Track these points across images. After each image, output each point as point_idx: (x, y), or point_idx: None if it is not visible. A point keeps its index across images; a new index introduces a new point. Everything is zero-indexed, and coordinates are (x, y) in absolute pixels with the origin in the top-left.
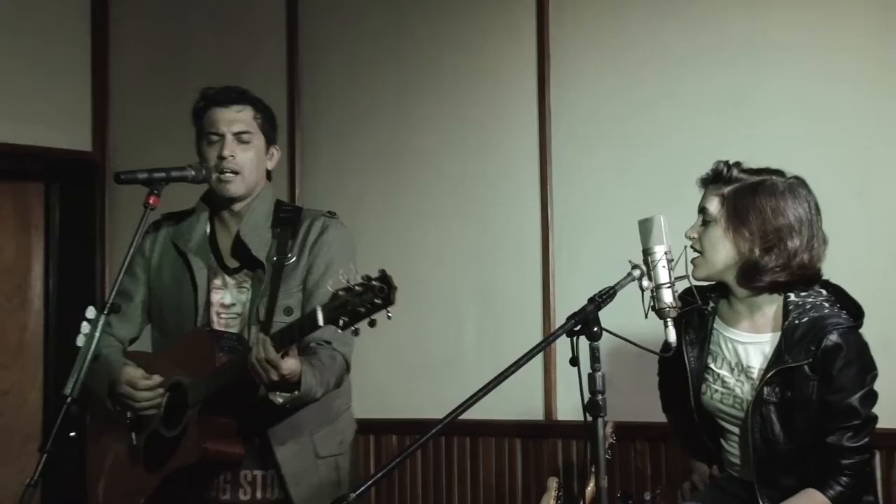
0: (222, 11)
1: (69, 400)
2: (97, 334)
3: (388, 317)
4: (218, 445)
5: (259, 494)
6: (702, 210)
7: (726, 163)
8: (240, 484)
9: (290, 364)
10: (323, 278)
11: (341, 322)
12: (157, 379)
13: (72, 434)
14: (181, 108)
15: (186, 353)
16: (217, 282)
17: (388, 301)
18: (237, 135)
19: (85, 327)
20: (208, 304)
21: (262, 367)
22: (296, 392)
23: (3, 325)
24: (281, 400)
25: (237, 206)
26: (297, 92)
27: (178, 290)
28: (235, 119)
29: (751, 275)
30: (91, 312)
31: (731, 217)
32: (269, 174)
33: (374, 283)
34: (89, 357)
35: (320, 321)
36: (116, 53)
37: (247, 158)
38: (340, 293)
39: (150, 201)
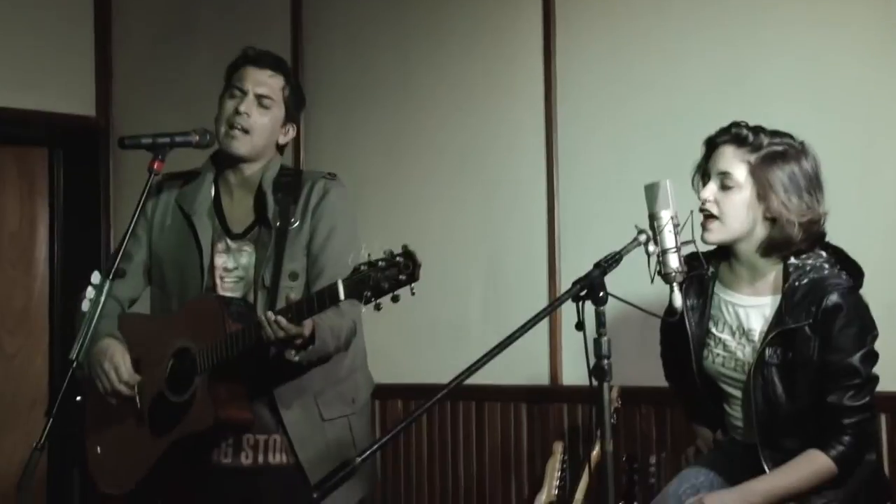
0: None
1: (75, 364)
2: (102, 299)
3: (413, 293)
4: (229, 412)
5: (261, 459)
6: (722, 174)
7: (749, 127)
8: (242, 448)
9: (307, 327)
10: (328, 243)
11: (364, 297)
12: (136, 378)
13: (78, 398)
14: (186, 72)
15: (194, 320)
16: (220, 245)
17: (412, 277)
18: (259, 97)
19: (90, 292)
20: (212, 266)
21: (280, 341)
22: (310, 347)
23: (8, 291)
24: (297, 357)
25: (245, 172)
26: (301, 67)
27: (181, 252)
28: (264, 82)
29: (780, 249)
30: (96, 278)
31: (761, 188)
32: (280, 148)
33: (398, 258)
34: (94, 322)
35: (341, 295)
36: (120, 16)
37: (261, 122)
38: (363, 267)
39: (155, 166)
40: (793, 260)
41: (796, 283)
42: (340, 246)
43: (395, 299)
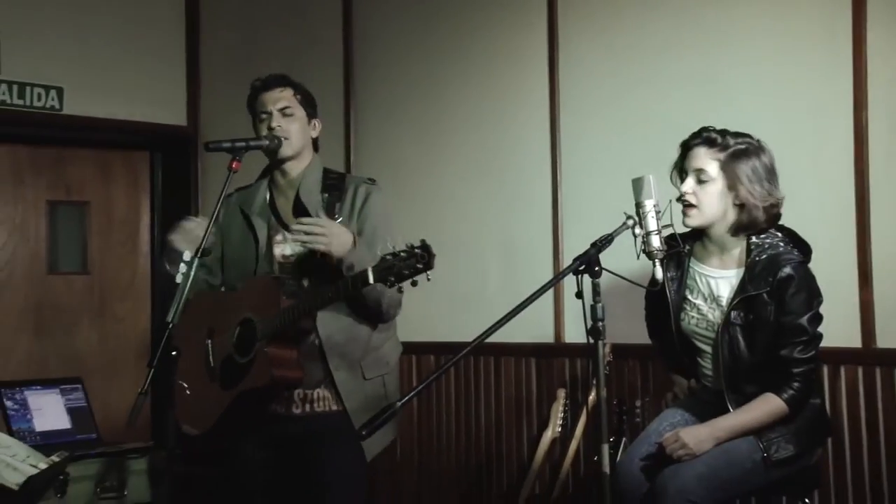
0: (289, 8)
1: (171, 325)
2: (192, 272)
3: (428, 279)
4: (282, 371)
5: (308, 408)
6: (698, 171)
7: (717, 130)
8: (293, 401)
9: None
10: (374, 242)
11: (388, 282)
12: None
13: (173, 353)
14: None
15: (254, 295)
16: (278, 237)
17: (428, 266)
18: (281, 110)
19: (182, 268)
20: (270, 256)
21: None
22: (352, 248)
23: (119, 266)
24: (347, 263)
25: (291, 174)
26: (351, 76)
27: (242, 246)
28: (279, 98)
29: (747, 228)
30: (187, 256)
31: (730, 179)
32: (316, 145)
33: (416, 250)
34: (186, 291)
35: (370, 279)
36: (206, 42)
37: (292, 128)
38: (388, 257)
39: (233, 166)
40: (754, 239)
41: (757, 258)
42: (384, 244)
43: (415, 283)
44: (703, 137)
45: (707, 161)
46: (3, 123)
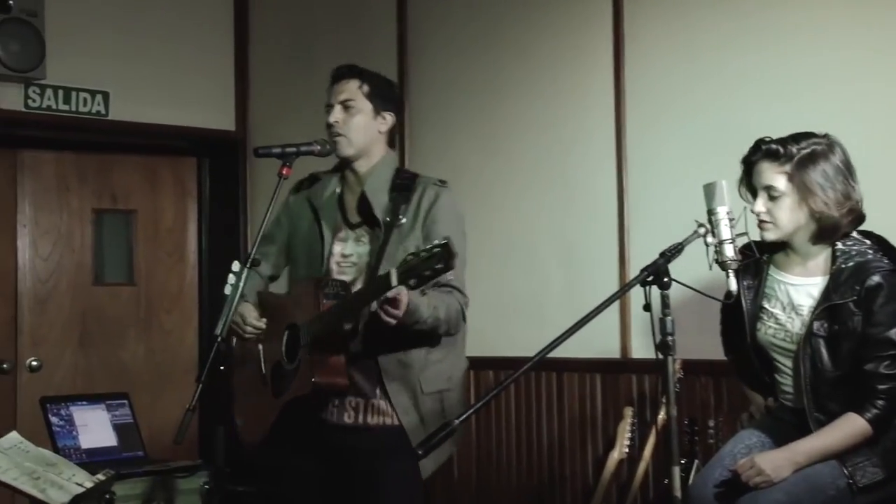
0: (343, 6)
1: (219, 339)
2: (241, 284)
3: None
4: (324, 378)
5: (361, 419)
6: (767, 188)
7: (775, 140)
8: (346, 409)
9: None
10: None
11: (411, 283)
12: (260, 322)
13: (221, 367)
14: (310, 90)
15: (299, 299)
16: (341, 234)
17: (448, 267)
18: (342, 103)
19: (231, 278)
20: (331, 253)
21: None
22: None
23: (165, 277)
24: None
25: (361, 170)
26: (406, 74)
27: (309, 240)
28: (342, 90)
29: (830, 234)
30: (236, 266)
31: (802, 190)
32: (391, 141)
33: (435, 250)
34: (235, 303)
35: (394, 282)
36: (255, 46)
37: (352, 123)
38: (409, 258)
39: (283, 172)
40: (840, 245)
41: (843, 266)
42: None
43: (437, 285)
44: (764, 151)
45: (774, 176)
46: (49, 129)
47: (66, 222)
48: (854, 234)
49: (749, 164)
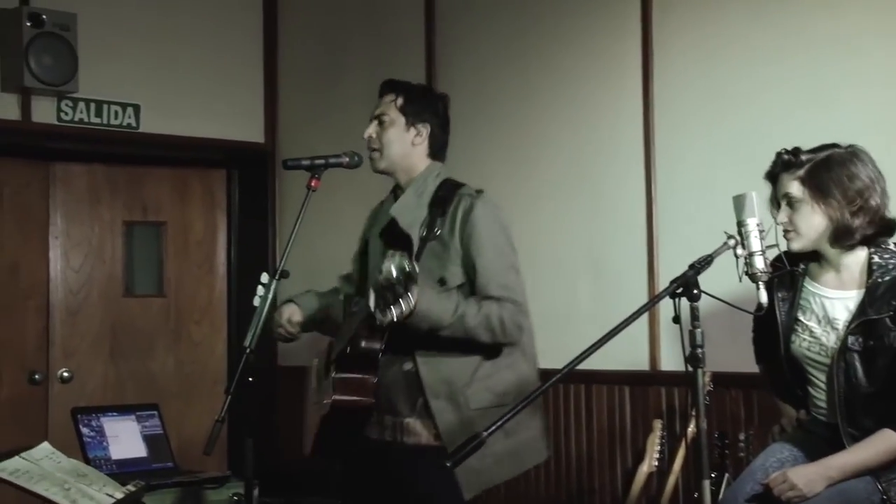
0: (371, 16)
1: (248, 351)
2: (270, 296)
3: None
4: (345, 395)
5: (399, 437)
6: (785, 196)
7: (789, 151)
8: (384, 426)
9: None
10: (478, 258)
11: (380, 310)
12: (297, 319)
13: (251, 379)
14: (338, 100)
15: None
16: (389, 252)
17: (407, 303)
18: (377, 118)
19: (260, 290)
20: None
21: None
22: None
23: (195, 289)
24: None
25: (403, 183)
26: (433, 83)
27: (372, 256)
28: (379, 105)
29: (844, 236)
30: (265, 278)
31: (816, 194)
32: (437, 153)
33: (396, 280)
34: (264, 315)
35: (371, 305)
36: (284, 59)
37: (385, 138)
38: (379, 284)
39: (312, 184)
40: (876, 259)
41: (879, 280)
42: (488, 258)
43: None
44: (780, 163)
45: (789, 183)
46: (81, 141)
47: (97, 234)
48: (892, 245)
49: (773, 178)
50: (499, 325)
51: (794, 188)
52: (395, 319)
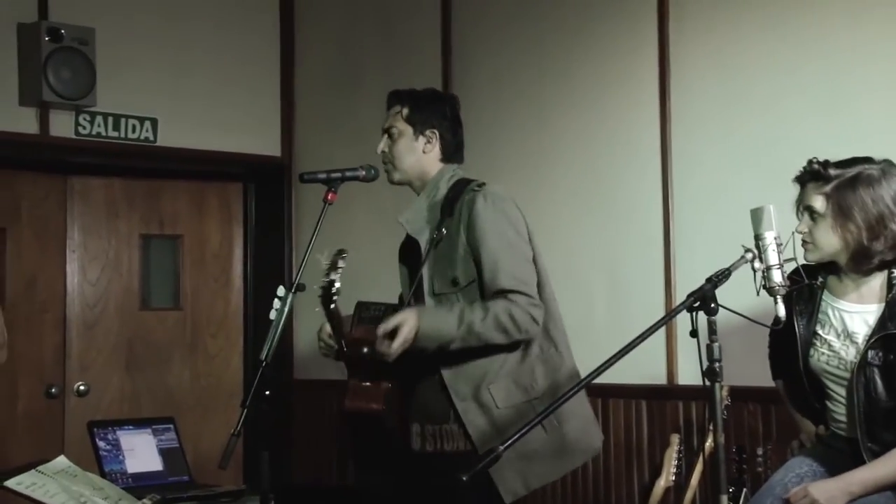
0: (388, 26)
1: (264, 364)
2: (286, 309)
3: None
4: (355, 403)
5: (438, 445)
6: (808, 208)
7: (820, 162)
8: (425, 436)
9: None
10: (482, 252)
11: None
12: (327, 330)
13: (267, 392)
14: (354, 115)
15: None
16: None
17: (328, 299)
18: (386, 131)
19: (276, 303)
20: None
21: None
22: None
23: (211, 302)
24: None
25: (419, 192)
26: (450, 92)
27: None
28: (387, 118)
29: (861, 260)
30: (281, 291)
31: (837, 213)
32: (450, 156)
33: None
34: (280, 328)
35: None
36: (300, 72)
37: (395, 150)
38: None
39: (329, 197)
40: None
41: None
42: (492, 250)
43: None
44: (809, 171)
45: (814, 197)
46: (99, 155)
47: (114, 247)
48: None
49: (800, 183)
50: (510, 322)
51: (818, 203)
52: (391, 352)
